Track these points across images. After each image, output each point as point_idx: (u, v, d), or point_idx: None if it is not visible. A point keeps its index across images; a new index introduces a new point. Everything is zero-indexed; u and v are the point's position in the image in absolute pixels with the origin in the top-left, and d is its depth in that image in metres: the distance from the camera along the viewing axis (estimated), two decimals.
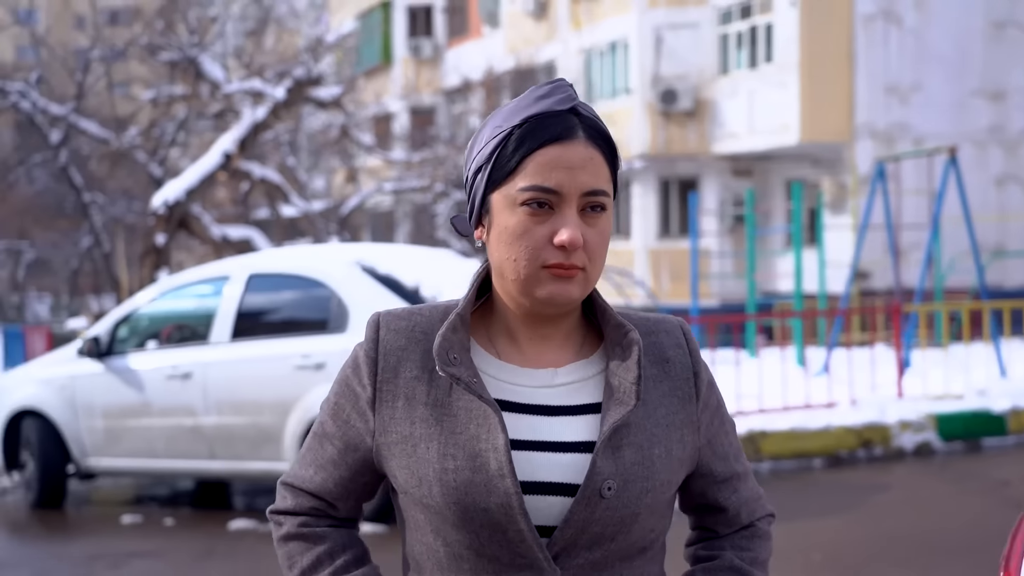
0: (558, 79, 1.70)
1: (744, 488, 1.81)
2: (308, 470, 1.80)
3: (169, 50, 18.31)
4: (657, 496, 1.67)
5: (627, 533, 1.67)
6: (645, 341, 1.73)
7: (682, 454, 1.71)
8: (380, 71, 38.78)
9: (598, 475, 1.63)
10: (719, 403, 1.78)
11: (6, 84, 20.11)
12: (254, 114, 17.03)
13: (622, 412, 1.64)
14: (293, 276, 8.25)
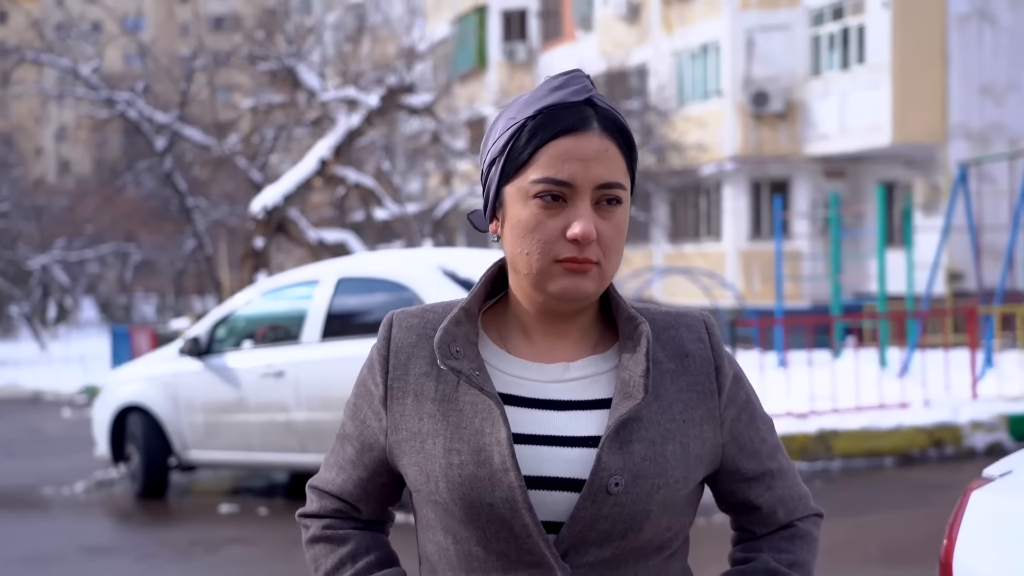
0: (574, 69, 1.67)
1: (780, 486, 1.73)
2: (331, 472, 1.79)
3: (268, 60, 18.91)
4: (671, 493, 1.62)
5: (639, 530, 1.62)
6: (664, 336, 1.68)
7: (701, 450, 1.66)
8: (475, 75, 39.19)
9: (604, 470, 1.59)
10: (748, 399, 1.72)
11: (114, 94, 20.89)
12: (349, 121, 17.53)
13: (629, 406, 1.59)
14: (379, 280, 8.66)
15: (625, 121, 1.64)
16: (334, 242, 18.18)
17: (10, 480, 10.88)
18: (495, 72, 38.03)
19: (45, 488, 10.26)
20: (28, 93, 31.30)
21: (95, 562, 7.53)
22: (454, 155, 23.06)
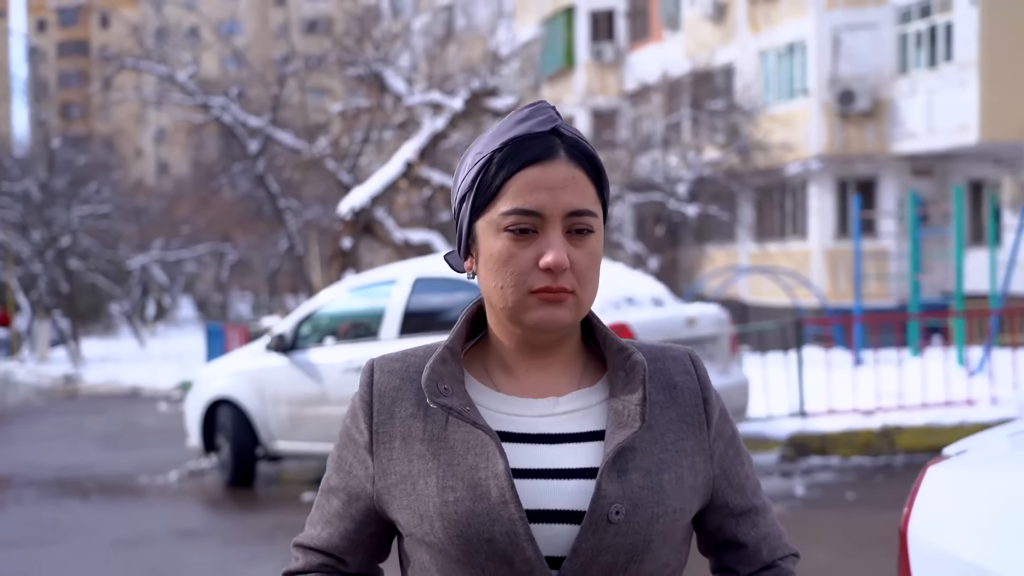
0: (539, 101, 1.66)
1: (763, 524, 1.72)
2: (316, 528, 1.74)
3: (356, 66, 19.40)
4: (669, 523, 1.60)
5: (640, 562, 1.58)
6: (651, 367, 1.66)
7: (694, 482, 1.64)
8: (562, 75, 39.42)
9: (604, 499, 1.56)
10: (733, 434, 1.71)
11: (209, 99, 21.57)
12: (433, 124, 17.93)
13: (627, 434, 1.57)
14: (453, 280, 9.02)
15: (592, 149, 1.63)
16: (419, 242, 18.59)
17: (109, 469, 11.46)
18: (582, 72, 38.23)
19: (141, 477, 10.82)
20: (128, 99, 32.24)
21: (185, 544, 8.01)
22: None
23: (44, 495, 10.13)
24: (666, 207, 26.27)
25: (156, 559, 7.51)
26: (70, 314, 33.43)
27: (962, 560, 2.40)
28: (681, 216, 26.28)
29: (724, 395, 8.50)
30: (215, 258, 46.83)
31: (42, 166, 34.34)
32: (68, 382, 25.93)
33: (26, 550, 7.99)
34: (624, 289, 8.84)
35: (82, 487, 10.48)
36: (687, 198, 26.04)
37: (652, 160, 27.73)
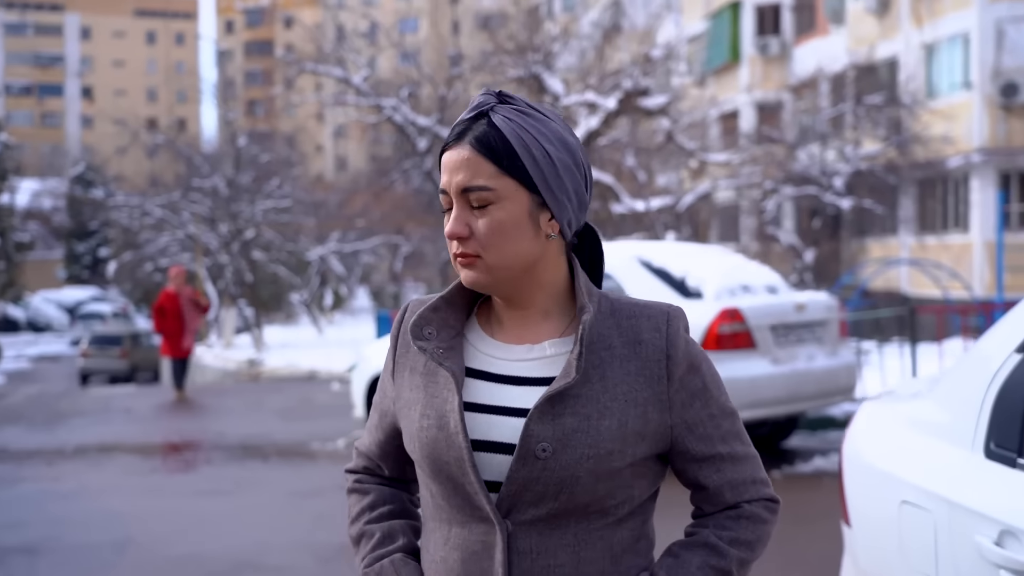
0: (484, 92, 1.81)
1: (730, 470, 1.83)
2: (365, 435, 2.03)
3: (517, 68, 20.50)
4: (602, 463, 1.73)
5: (571, 494, 1.74)
6: (626, 323, 1.80)
7: (642, 429, 1.77)
8: (727, 69, 39.74)
9: (531, 437, 1.72)
10: (704, 387, 1.81)
11: (381, 100, 22.98)
12: (588, 123, 18.90)
13: (562, 384, 1.73)
14: None
15: (508, 129, 1.74)
16: None
17: (285, 437, 12.81)
18: (748, 66, 38.51)
19: (313, 443, 12.12)
20: (308, 102, 34.01)
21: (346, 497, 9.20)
22: (686, 154, 24.06)
23: (230, 457, 11.50)
24: (822, 200, 26.60)
25: (323, 507, 8.70)
26: (253, 303, 35.46)
27: (872, 465, 3.28)
28: (836, 209, 26.58)
29: (831, 376, 9.33)
30: (389, 249, 48.59)
31: (229, 163, 36.51)
32: (251, 366, 27.63)
33: (216, 499, 9.31)
34: (740, 277, 9.67)
35: (262, 451, 11.84)
36: (843, 191, 26.32)
37: (810, 154, 28.05)
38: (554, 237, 1.78)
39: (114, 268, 45.70)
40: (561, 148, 1.78)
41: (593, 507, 1.77)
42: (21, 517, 8.68)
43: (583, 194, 1.82)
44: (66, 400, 20.35)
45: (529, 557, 1.75)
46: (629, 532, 1.82)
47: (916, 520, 2.96)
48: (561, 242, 1.81)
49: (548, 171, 1.75)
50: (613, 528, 1.80)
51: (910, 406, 3.36)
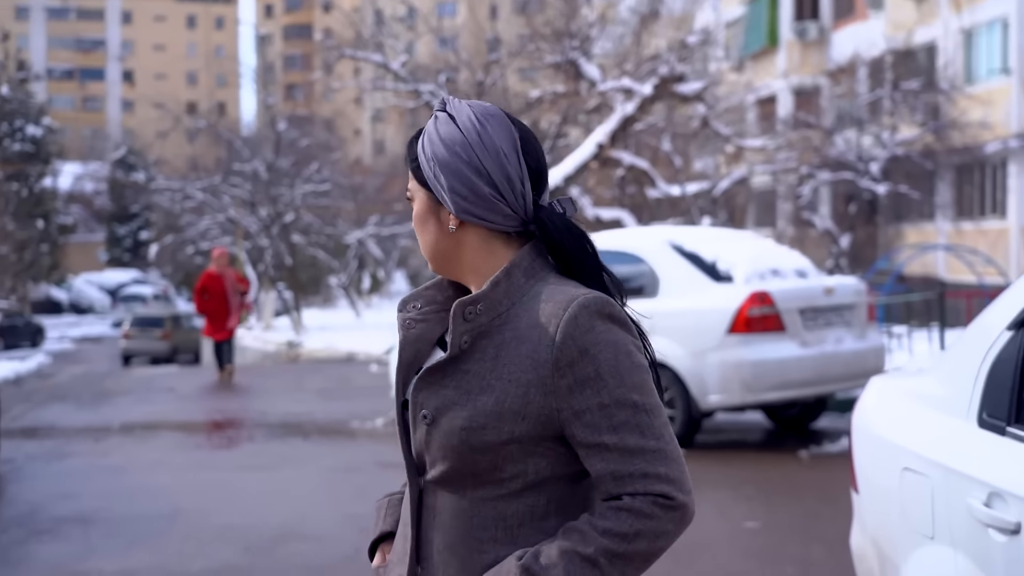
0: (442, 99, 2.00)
1: (615, 460, 1.80)
2: None
3: (554, 54, 20.70)
4: (475, 436, 1.83)
5: (453, 461, 1.85)
6: (537, 307, 1.86)
7: (521, 409, 1.82)
8: (765, 54, 39.70)
9: (416, 404, 1.90)
10: (597, 375, 1.81)
11: (418, 86, 23.24)
12: (624, 109, 19.07)
13: (439, 359, 1.91)
14: (619, 252, 10.19)
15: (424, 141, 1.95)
16: (610, 219, 19.80)
17: (327, 416, 13.14)
18: (785, 51, 38.46)
19: (352, 422, 12.42)
20: (347, 87, 34.31)
21: (387, 473, 9.47)
22: (721, 139, 24.18)
23: (272, 435, 11.83)
24: (858, 186, 26.65)
25: (363, 482, 9.00)
26: (292, 286, 35.89)
27: (878, 436, 3.52)
28: (872, 195, 26.63)
29: (859, 359, 9.52)
30: None
31: (269, 147, 36.92)
32: (291, 347, 28.05)
33: (259, 473, 9.63)
34: (770, 262, 9.87)
35: (303, 429, 12.16)
36: (880, 177, 26.36)
37: (846, 139, 28.07)
38: (454, 229, 1.92)
39: (156, 251, 46.31)
40: (450, 149, 1.90)
41: (484, 477, 1.86)
42: (72, 489, 9.03)
43: (479, 189, 1.89)
44: (110, 380, 20.80)
45: (432, 512, 1.90)
46: (527, 507, 1.87)
47: (916, 485, 3.19)
48: (486, 232, 1.92)
49: (432, 172, 1.92)
50: (507, 500, 1.86)
51: (914, 381, 3.58)
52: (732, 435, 10.90)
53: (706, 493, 8.24)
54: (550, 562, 1.77)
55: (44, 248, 54.42)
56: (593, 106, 20.88)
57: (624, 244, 10.29)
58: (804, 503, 7.76)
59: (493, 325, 1.88)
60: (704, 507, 7.71)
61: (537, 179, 1.95)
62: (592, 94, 20.40)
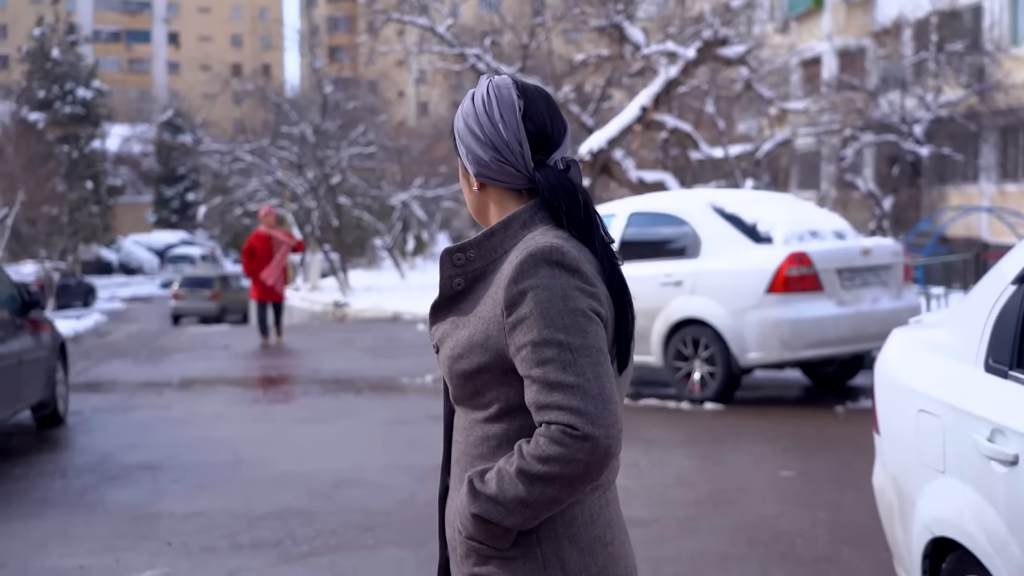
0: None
1: (537, 392, 1.99)
2: None
3: (598, 19, 20.90)
4: (456, 363, 2.11)
5: (452, 384, 2.14)
6: (511, 255, 2.08)
7: (482, 342, 2.07)
8: (810, 15, 39.57)
9: (431, 335, 2.20)
10: (531, 314, 2.00)
11: (464, 50, 23.52)
12: (667, 72, 19.27)
13: (436, 298, 2.19)
14: (662, 214, 10.50)
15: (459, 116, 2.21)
16: (653, 181, 20.04)
17: (376, 373, 13.56)
18: (831, 12, 38.30)
19: (402, 378, 12.84)
20: (393, 51, 34.59)
21: (437, 425, 9.81)
22: (765, 102, 24.29)
23: (325, 390, 12.27)
24: (901, 148, 26.70)
25: (415, 434, 9.41)
26: (338, 248, 36.35)
27: (897, 382, 3.85)
28: (915, 156, 26.68)
29: (896, 317, 9.84)
30: None
31: (316, 110, 37.30)
32: (337, 307, 28.49)
33: (315, 426, 10.06)
34: (809, 224, 10.16)
35: (355, 385, 12.59)
36: (923, 139, 26.39)
37: (890, 101, 28.08)
38: (477, 190, 2.20)
39: (204, 212, 46.93)
40: (464, 122, 2.19)
41: (472, 401, 2.12)
42: (138, 439, 9.50)
43: (486, 154, 2.15)
44: (166, 338, 21.37)
45: (455, 429, 2.20)
46: (503, 431, 2.09)
47: (929, 424, 3.52)
48: (502, 191, 2.18)
49: (457, 142, 2.21)
50: (490, 423, 2.10)
51: (929, 332, 3.91)
52: (770, 392, 11.22)
53: (744, 445, 8.59)
54: (488, 477, 2.04)
55: (94, 209, 55.24)
56: (637, 69, 21.07)
57: (667, 207, 10.59)
58: (838, 454, 8.09)
59: (488, 269, 2.13)
60: (742, 457, 8.10)
61: (540, 141, 2.15)
62: (636, 58, 20.59)
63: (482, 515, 2.03)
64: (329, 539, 6.27)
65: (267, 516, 6.80)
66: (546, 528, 2.07)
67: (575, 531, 2.08)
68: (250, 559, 5.93)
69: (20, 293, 9.87)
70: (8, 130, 36.59)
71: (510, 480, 2.00)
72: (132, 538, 6.41)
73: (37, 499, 7.47)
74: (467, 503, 2.06)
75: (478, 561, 2.10)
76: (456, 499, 2.14)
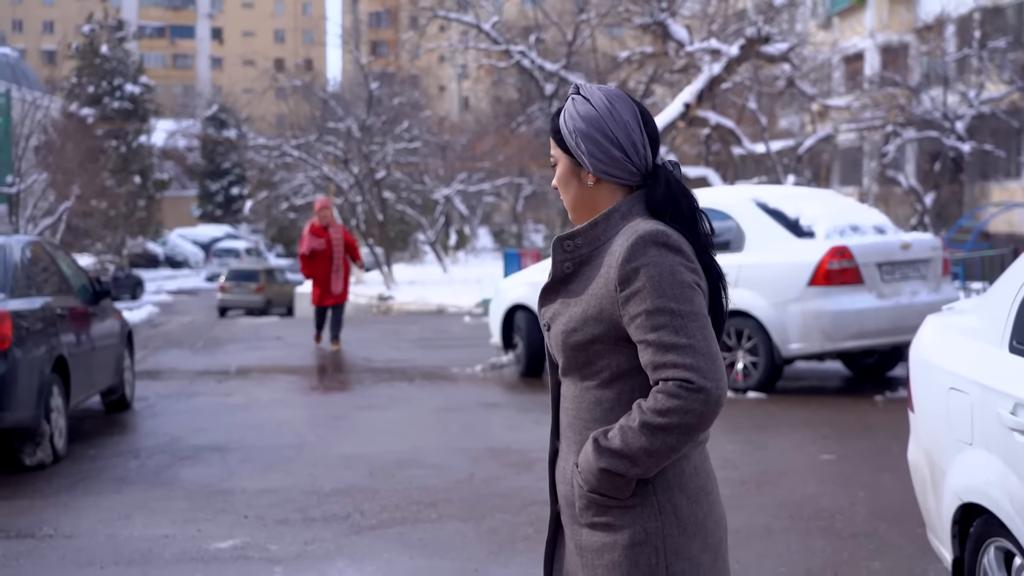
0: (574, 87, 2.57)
1: (653, 354, 2.31)
2: None
3: (642, 16, 21.21)
4: (571, 337, 2.42)
5: (565, 356, 2.45)
6: (613, 242, 2.41)
7: (596, 315, 2.39)
8: (853, 11, 39.64)
9: (541, 315, 2.53)
10: (644, 288, 2.33)
11: (510, 46, 23.90)
12: (711, 69, 19.57)
13: (548, 279, 2.50)
14: (707, 209, 10.74)
15: (563, 117, 2.51)
16: (696, 177, 20.36)
17: (426, 362, 13.98)
18: (873, 8, 38.33)
19: (453, 368, 13.25)
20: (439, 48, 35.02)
21: (489, 412, 10.29)
22: (807, 98, 24.50)
23: (379, 379, 12.69)
24: (943, 144, 26.81)
25: (468, 420, 9.81)
26: (382, 242, 36.82)
27: (930, 362, 4.20)
28: (957, 152, 26.80)
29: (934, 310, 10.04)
30: (511, 191, 49.58)
31: (361, 105, 37.77)
32: (382, 301, 28.95)
33: (371, 411, 10.48)
34: (850, 219, 10.48)
35: (407, 374, 13.01)
36: (965, 135, 26.49)
37: (932, 97, 28.18)
38: (592, 185, 2.48)
39: (250, 206, 47.55)
40: (588, 123, 2.46)
41: (584, 370, 2.43)
42: (204, 424, 9.95)
43: (611, 153, 2.45)
44: (218, 328, 21.91)
45: (564, 398, 2.50)
46: (615, 394, 2.40)
47: (959, 401, 3.88)
48: (614, 186, 2.48)
49: (574, 141, 2.47)
50: (602, 389, 2.41)
51: (960, 317, 4.26)
52: (811, 382, 11.54)
53: (785, 431, 8.93)
54: (612, 435, 2.35)
55: (141, 203, 56.05)
56: (680, 66, 21.37)
57: (712, 201, 10.91)
58: (876, 440, 8.41)
59: (593, 254, 2.44)
60: (783, 443, 8.45)
61: (654, 144, 2.49)
62: (680, 55, 20.88)
63: (609, 468, 2.34)
64: (395, 513, 6.67)
65: (334, 492, 7.21)
66: (660, 479, 2.39)
67: (684, 481, 2.41)
68: (323, 530, 6.34)
69: (92, 284, 10.35)
70: (62, 126, 37.32)
71: (634, 434, 2.31)
72: (210, 511, 6.84)
73: (115, 477, 7.92)
74: (593, 459, 2.36)
75: (598, 512, 2.41)
76: (569, 460, 2.47)
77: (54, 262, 9.85)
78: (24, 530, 6.48)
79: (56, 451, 8.43)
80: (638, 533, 2.38)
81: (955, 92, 27.79)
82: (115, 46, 55.87)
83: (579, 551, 2.47)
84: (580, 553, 2.47)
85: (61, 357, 8.75)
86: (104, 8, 56.66)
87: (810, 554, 5.65)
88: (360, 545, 6.06)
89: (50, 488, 7.58)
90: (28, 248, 9.30)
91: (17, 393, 7.99)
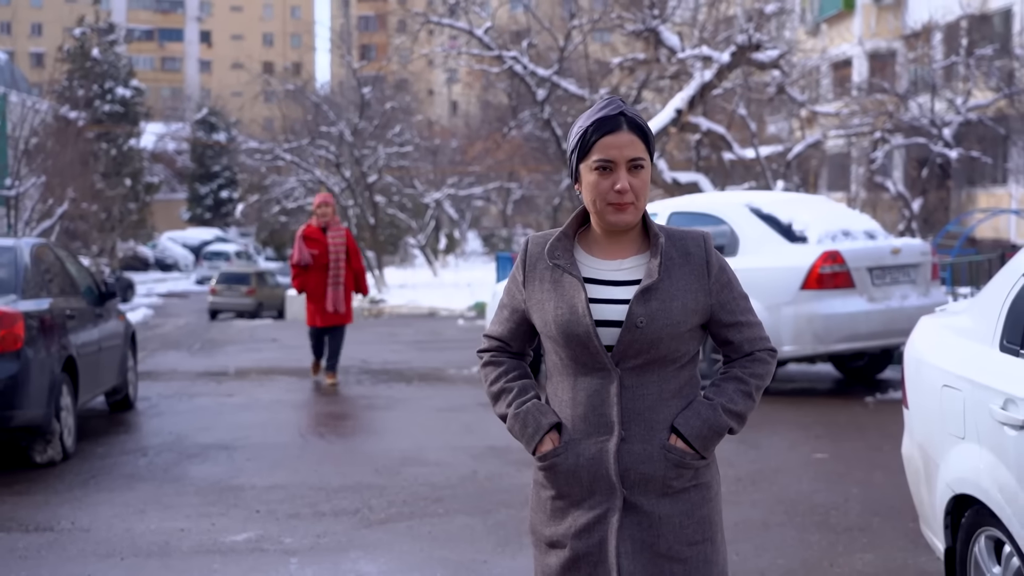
0: (609, 97, 2.71)
1: (747, 330, 2.77)
2: (494, 325, 2.91)
3: (634, 23, 21.44)
4: (675, 329, 2.66)
5: (656, 349, 2.67)
6: (678, 244, 2.72)
7: (695, 306, 2.70)
8: (841, 18, 39.89)
9: (633, 315, 2.65)
10: (729, 280, 2.75)
11: (502, 52, 24.09)
12: (702, 76, 19.79)
13: (648, 282, 2.65)
14: (701, 214, 11.05)
15: (643, 120, 2.69)
16: (687, 182, 20.58)
17: (423, 364, 14.19)
18: (861, 15, 38.60)
19: (449, 369, 13.46)
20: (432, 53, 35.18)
21: (488, 411, 10.44)
22: (797, 105, 24.75)
23: (377, 380, 12.88)
24: (931, 150, 27.07)
25: (468, 419, 10.02)
26: (374, 246, 37.01)
27: (924, 361, 4.42)
28: (944, 159, 27.05)
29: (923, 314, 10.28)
30: (501, 195, 49.79)
31: (352, 109, 37.95)
32: (374, 304, 29.13)
33: (373, 411, 10.69)
34: (841, 224, 10.72)
35: (404, 375, 13.21)
36: (952, 142, 26.75)
37: (919, 104, 28.46)
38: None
39: (241, 210, 47.66)
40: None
41: (668, 357, 2.69)
42: (208, 423, 10.13)
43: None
44: (214, 331, 22.06)
45: (631, 390, 2.68)
46: (688, 373, 2.75)
47: (951, 397, 4.10)
48: None
49: (654, 147, 2.73)
50: (679, 371, 2.73)
51: (953, 318, 4.49)
52: (803, 384, 11.77)
53: (779, 431, 9.15)
54: (730, 398, 2.73)
55: (132, 206, 56.08)
56: (672, 73, 21.59)
57: (707, 207, 11.15)
58: (868, 440, 8.64)
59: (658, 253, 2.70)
60: (777, 442, 8.68)
61: None
62: (672, 61, 21.11)
63: (735, 428, 2.75)
64: (403, 508, 6.87)
65: (342, 488, 7.41)
66: None
67: None
68: (333, 524, 6.54)
69: (98, 285, 10.53)
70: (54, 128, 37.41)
71: (748, 399, 2.76)
72: (222, 506, 7.03)
73: (126, 474, 8.10)
74: (723, 421, 2.71)
75: (695, 475, 2.74)
76: (650, 440, 2.69)
77: (61, 264, 10.03)
78: (43, 524, 6.66)
79: (66, 449, 8.61)
80: (717, 482, 2.81)
81: (942, 99, 28.04)
82: (106, 49, 55.92)
83: (661, 521, 2.70)
84: (663, 522, 2.70)
85: (70, 357, 8.93)
86: (95, 11, 56.63)
87: (806, 547, 5.87)
88: (371, 538, 6.25)
89: (63, 484, 7.75)
90: (37, 250, 9.48)
91: (29, 392, 8.17)
